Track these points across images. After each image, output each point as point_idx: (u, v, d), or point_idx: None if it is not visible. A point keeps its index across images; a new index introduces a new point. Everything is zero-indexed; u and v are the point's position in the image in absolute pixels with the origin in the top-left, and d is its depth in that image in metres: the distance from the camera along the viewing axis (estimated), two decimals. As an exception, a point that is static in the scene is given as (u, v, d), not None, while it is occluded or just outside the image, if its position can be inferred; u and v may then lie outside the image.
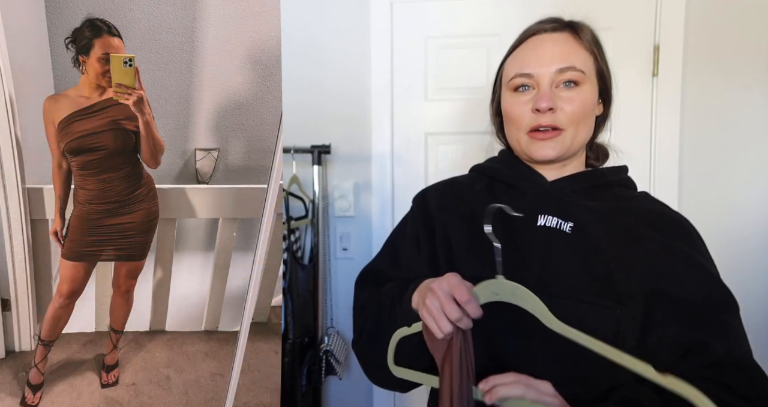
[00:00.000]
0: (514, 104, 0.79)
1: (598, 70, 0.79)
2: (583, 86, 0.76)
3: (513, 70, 0.79)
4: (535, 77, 0.76)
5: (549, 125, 0.75)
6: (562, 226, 0.75)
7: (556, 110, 0.75)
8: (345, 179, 1.81)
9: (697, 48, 1.57)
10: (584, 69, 0.76)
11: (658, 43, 1.59)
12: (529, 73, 0.76)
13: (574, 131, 0.76)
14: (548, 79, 0.75)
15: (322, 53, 1.79)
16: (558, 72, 0.75)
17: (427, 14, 1.72)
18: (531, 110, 0.76)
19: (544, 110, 0.74)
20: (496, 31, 1.64)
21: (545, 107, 0.74)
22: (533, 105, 0.76)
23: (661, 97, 1.60)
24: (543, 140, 0.76)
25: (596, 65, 0.78)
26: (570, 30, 0.78)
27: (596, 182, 0.80)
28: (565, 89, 0.76)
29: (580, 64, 0.76)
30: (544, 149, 0.76)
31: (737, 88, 1.57)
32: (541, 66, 0.76)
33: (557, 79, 0.75)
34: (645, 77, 1.60)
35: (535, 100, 0.75)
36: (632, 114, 1.60)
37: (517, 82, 0.78)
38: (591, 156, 0.86)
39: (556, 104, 0.74)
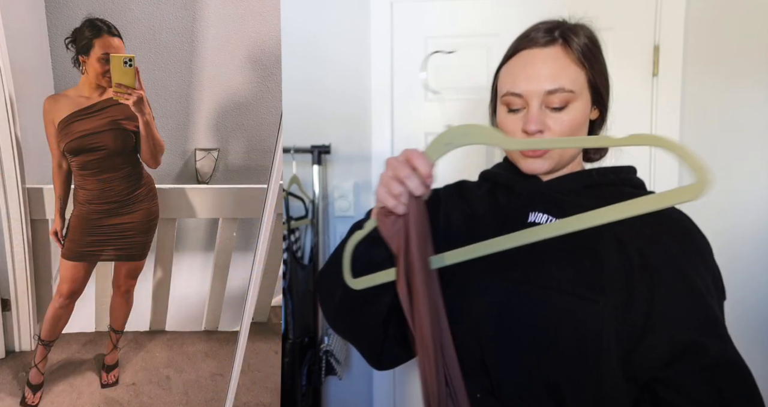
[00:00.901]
0: (506, 122, 0.80)
1: (590, 82, 0.79)
2: (573, 104, 0.77)
3: (505, 87, 0.80)
4: (524, 97, 0.77)
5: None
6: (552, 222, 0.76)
7: (545, 132, 0.76)
8: (345, 179, 1.81)
9: (697, 48, 1.57)
10: (574, 88, 0.76)
11: (658, 43, 1.59)
12: (518, 93, 0.78)
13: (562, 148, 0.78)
14: (537, 101, 0.76)
15: (322, 53, 1.79)
16: (546, 94, 0.76)
17: (427, 14, 1.72)
18: (521, 130, 0.77)
19: (533, 132, 0.76)
20: (496, 31, 1.64)
21: (534, 129, 0.75)
22: (522, 126, 0.77)
23: (661, 97, 1.59)
24: (533, 158, 0.78)
25: (588, 77, 0.78)
26: (561, 42, 0.78)
27: (588, 182, 0.81)
28: (554, 111, 0.77)
29: (569, 84, 0.76)
30: (534, 165, 0.78)
31: (737, 89, 1.57)
32: (530, 86, 0.76)
33: (546, 101, 0.76)
34: (645, 77, 1.60)
35: (525, 121, 0.77)
36: (632, 114, 1.60)
37: (507, 100, 0.79)
38: (590, 150, 0.87)
39: (545, 124, 0.76)
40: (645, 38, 1.59)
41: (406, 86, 1.75)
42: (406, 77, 1.75)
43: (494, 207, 0.85)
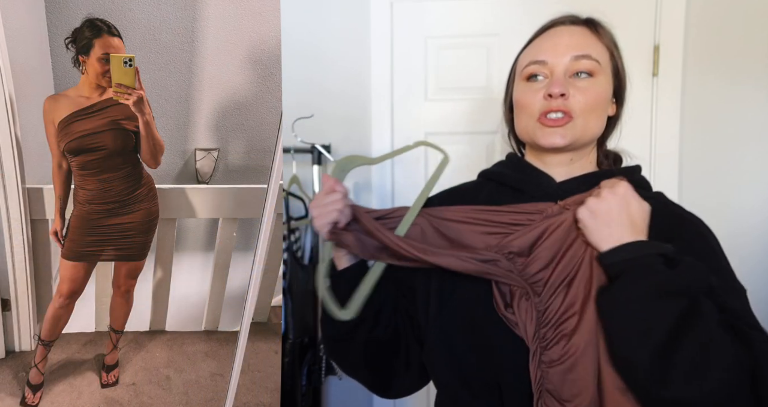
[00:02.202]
0: (526, 92, 0.78)
1: (614, 67, 0.78)
2: (597, 77, 0.75)
3: (527, 59, 0.78)
4: (549, 65, 0.75)
5: (560, 110, 0.73)
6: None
7: (568, 97, 0.73)
8: (345, 179, 1.80)
9: (697, 48, 1.57)
10: (600, 59, 0.75)
11: (658, 43, 1.59)
12: (543, 61, 0.76)
13: (584, 120, 0.74)
14: (562, 68, 0.74)
15: (322, 53, 1.79)
16: (573, 60, 0.74)
17: (427, 14, 1.72)
18: (543, 96, 0.75)
19: (556, 96, 0.73)
20: (496, 31, 1.64)
21: (557, 92, 0.72)
22: (545, 91, 0.74)
23: (661, 97, 1.59)
24: (552, 127, 0.74)
25: (612, 62, 0.78)
26: (589, 25, 0.78)
27: None
28: (579, 79, 0.75)
29: (596, 54, 0.75)
30: (553, 136, 0.74)
31: (737, 89, 1.56)
32: (556, 54, 0.75)
33: (572, 68, 0.74)
34: (645, 77, 1.60)
35: (548, 86, 0.74)
36: (632, 114, 1.60)
37: (530, 70, 0.77)
38: (605, 162, 0.83)
39: (568, 90, 0.73)
40: (645, 38, 1.59)
41: (406, 86, 1.75)
42: (406, 77, 1.75)
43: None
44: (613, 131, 0.85)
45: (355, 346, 0.82)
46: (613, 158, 0.84)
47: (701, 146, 1.59)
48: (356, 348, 0.82)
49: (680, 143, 1.58)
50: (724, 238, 0.77)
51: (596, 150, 0.83)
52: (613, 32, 0.80)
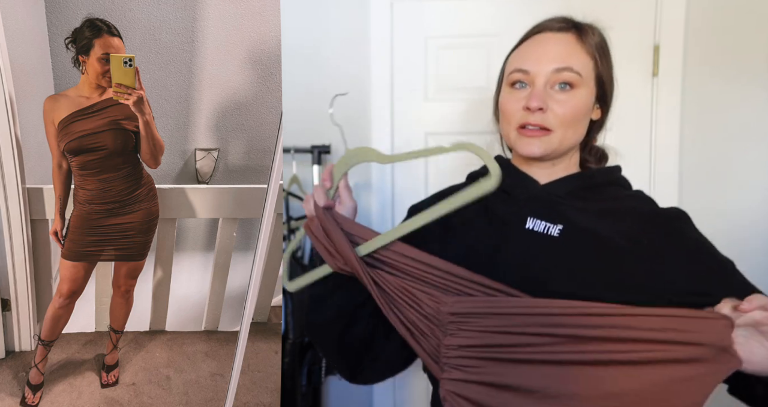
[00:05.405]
0: (508, 100, 0.79)
1: (598, 76, 0.79)
2: (578, 90, 0.76)
3: (513, 66, 0.80)
4: (531, 74, 0.76)
5: (537, 124, 0.76)
6: (550, 230, 0.75)
7: (546, 111, 0.75)
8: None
9: (697, 48, 1.57)
10: (581, 72, 0.76)
11: (658, 43, 1.58)
12: (525, 70, 0.77)
13: (562, 133, 0.76)
14: (543, 79, 0.76)
15: (322, 53, 1.79)
16: (554, 72, 0.75)
17: (427, 14, 1.72)
18: (522, 107, 0.77)
19: (533, 109, 0.75)
20: (496, 31, 1.64)
21: (535, 105, 0.74)
22: (525, 103, 0.76)
23: (661, 97, 1.59)
24: (530, 138, 0.77)
25: (596, 70, 0.78)
26: (576, 32, 0.78)
27: (587, 183, 0.80)
28: (559, 91, 0.76)
29: (578, 67, 0.76)
30: (530, 146, 0.77)
31: (737, 89, 1.56)
32: (538, 64, 0.76)
33: (552, 79, 0.76)
34: (645, 77, 1.60)
35: (528, 98, 0.76)
36: (632, 114, 1.60)
37: (514, 77, 0.79)
38: (590, 160, 0.85)
39: (547, 104, 0.75)
40: (645, 38, 1.59)
41: (406, 86, 1.75)
42: (406, 77, 1.75)
43: (487, 212, 0.81)
44: (598, 133, 0.86)
45: (332, 336, 0.84)
46: (599, 155, 0.86)
47: (701, 146, 1.59)
48: (332, 338, 0.84)
49: (680, 143, 1.58)
50: (724, 237, 0.77)
51: (579, 151, 0.84)
52: (604, 35, 0.81)
